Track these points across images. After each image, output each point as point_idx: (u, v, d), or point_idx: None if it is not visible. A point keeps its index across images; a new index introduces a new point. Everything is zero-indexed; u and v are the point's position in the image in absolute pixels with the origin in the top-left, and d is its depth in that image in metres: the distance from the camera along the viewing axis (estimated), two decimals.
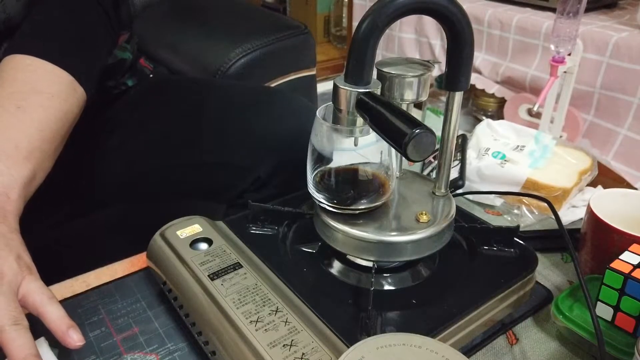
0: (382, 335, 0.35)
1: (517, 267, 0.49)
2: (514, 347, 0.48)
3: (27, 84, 0.51)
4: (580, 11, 1.06)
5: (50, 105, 0.51)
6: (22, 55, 0.53)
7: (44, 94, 0.51)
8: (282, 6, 2.73)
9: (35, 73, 0.52)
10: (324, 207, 0.47)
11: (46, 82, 0.52)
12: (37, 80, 0.52)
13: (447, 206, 0.49)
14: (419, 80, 0.46)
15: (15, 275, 0.41)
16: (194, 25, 1.18)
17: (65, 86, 0.53)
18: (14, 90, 0.50)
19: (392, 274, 0.48)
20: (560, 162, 0.72)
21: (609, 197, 0.55)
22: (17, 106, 0.49)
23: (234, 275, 0.47)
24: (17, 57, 0.53)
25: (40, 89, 0.51)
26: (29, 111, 0.49)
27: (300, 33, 1.09)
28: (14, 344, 0.37)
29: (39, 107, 0.50)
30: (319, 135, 0.46)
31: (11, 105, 0.49)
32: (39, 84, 0.52)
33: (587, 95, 1.36)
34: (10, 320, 0.38)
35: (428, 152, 0.36)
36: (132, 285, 0.54)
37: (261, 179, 0.70)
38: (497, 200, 0.70)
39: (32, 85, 0.51)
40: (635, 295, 0.43)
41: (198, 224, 0.54)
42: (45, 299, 0.41)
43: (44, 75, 0.52)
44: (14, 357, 0.37)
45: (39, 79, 0.52)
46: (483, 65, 1.61)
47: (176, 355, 0.46)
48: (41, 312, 0.41)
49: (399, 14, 0.38)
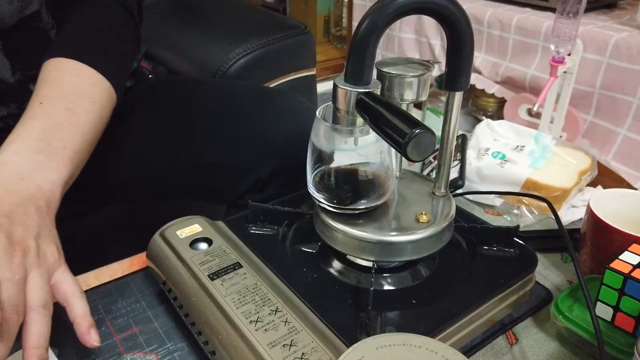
0: (382, 335, 0.35)
1: (517, 267, 0.49)
2: (514, 347, 0.48)
3: (74, 88, 0.54)
4: (580, 11, 1.06)
5: (93, 110, 0.54)
6: (68, 59, 0.55)
7: (88, 99, 0.54)
8: (282, 6, 2.73)
9: (80, 78, 0.55)
10: (324, 207, 0.47)
11: (90, 87, 0.55)
12: (83, 85, 0.55)
13: (447, 206, 0.49)
14: (419, 80, 0.46)
15: (54, 262, 0.44)
16: (194, 25, 1.18)
17: (105, 92, 0.56)
18: (63, 93, 0.53)
19: (392, 274, 0.48)
20: (560, 162, 0.72)
21: (608, 197, 0.55)
22: (66, 108, 0.52)
23: (234, 275, 0.47)
24: (64, 61, 0.55)
25: (86, 93, 0.54)
26: (76, 114, 0.52)
27: (300, 33, 1.09)
28: (34, 328, 0.39)
29: (84, 111, 0.53)
30: (318, 135, 0.46)
31: (61, 107, 0.51)
32: (84, 89, 0.55)
33: (587, 95, 1.36)
34: (41, 302, 0.40)
35: (428, 152, 0.36)
36: (131, 285, 0.54)
37: (262, 180, 0.70)
38: (497, 200, 0.70)
39: (79, 90, 0.54)
40: (634, 295, 0.43)
41: (198, 224, 0.54)
42: (76, 291, 0.43)
43: (87, 80, 0.55)
44: (28, 342, 0.39)
45: (84, 84, 0.55)
46: (483, 65, 1.61)
47: (176, 355, 0.46)
48: (69, 303, 0.43)
49: (399, 14, 0.38)
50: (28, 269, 0.41)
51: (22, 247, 0.41)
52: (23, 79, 0.64)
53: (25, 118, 0.50)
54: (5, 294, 0.38)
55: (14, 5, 0.59)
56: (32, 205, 0.44)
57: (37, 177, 0.46)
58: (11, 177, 0.45)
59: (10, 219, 0.42)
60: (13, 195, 0.44)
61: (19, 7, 0.60)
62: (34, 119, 0.50)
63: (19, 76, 0.63)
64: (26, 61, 0.63)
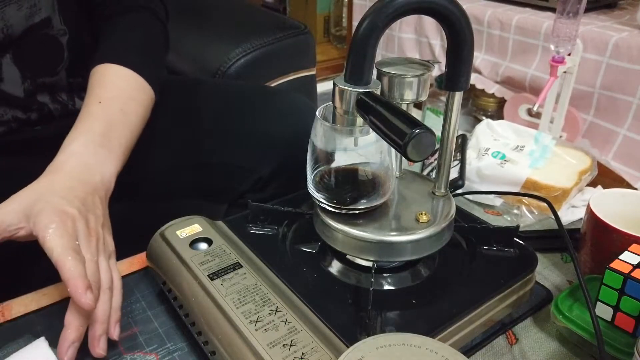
0: (382, 335, 0.35)
1: (517, 267, 0.49)
2: (514, 347, 0.48)
3: (125, 91, 0.60)
4: (580, 11, 1.06)
5: (140, 113, 0.60)
6: (116, 65, 0.61)
7: (136, 101, 0.60)
8: (282, 6, 2.73)
9: (129, 82, 0.61)
10: (324, 207, 0.47)
11: (137, 91, 0.61)
12: (132, 89, 0.61)
13: (447, 206, 0.49)
14: (419, 80, 0.46)
15: (112, 252, 0.50)
16: (194, 25, 1.18)
17: (147, 95, 0.63)
18: (116, 95, 0.59)
19: (391, 274, 0.48)
20: (559, 162, 0.72)
21: (608, 197, 0.55)
22: (120, 109, 0.58)
23: (234, 275, 0.47)
24: (112, 66, 0.61)
25: (134, 96, 0.60)
26: (127, 115, 0.58)
27: (300, 33, 1.09)
28: (102, 306, 0.44)
29: (134, 112, 0.59)
30: (318, 135, 0.46)
31: (117, 108, 0.57)
32: (132, 92, 0.61)
33: (587, 95, 1.36)
34: (108, 283, 0.46)
35: (428, 152, 0.36)
36: (131, 285, 0.54)
37: (262, 180, 0.70)
38: (496, 200, 0.70)
39: (129, 93, 0.60)
40: (634, 295, 0.43)
41: (198, 224, 0.54)
42: (119, 283, 0.48)
43: (134, 84, 0.61)
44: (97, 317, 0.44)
45: (132, 88, 0.61)
46: (483, 65, 1.61)
47: (176, 355, 0.46)
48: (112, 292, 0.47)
49: (399, 14, 0.38)
50: (98, 254, 0.47)
51: (95, 233, 0.47)
52: (32, 88, 0.64)
53: (88, 114, 0.56)
54: (91, 272, 0.43)
55: (22, 12, 0.59)
56: (97, 195, 0.50)
57: (100, 168, 0.52)
58: (80, 167, 0.51)
59: (85, 207, 0.48)
60: (85, 185, 0.49)
61: (27, 14, 0.60)
62: (97, 116, 0.56)
63: (29, 85, 0.63)
64: (35, 69, 0.64)
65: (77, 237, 0.45)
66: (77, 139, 0.53)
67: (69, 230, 0.44)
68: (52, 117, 0.67)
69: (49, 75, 0.65)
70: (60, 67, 0.66)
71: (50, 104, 0.66)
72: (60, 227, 0.44)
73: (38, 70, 0.64)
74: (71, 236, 0.44)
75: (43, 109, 0.66)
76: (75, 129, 0.54)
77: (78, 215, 0.46)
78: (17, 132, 0.65)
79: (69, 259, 0.42)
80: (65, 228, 0.44)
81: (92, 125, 0.55)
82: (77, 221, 0.46)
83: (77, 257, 0.43)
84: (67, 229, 0.44)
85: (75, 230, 0.45)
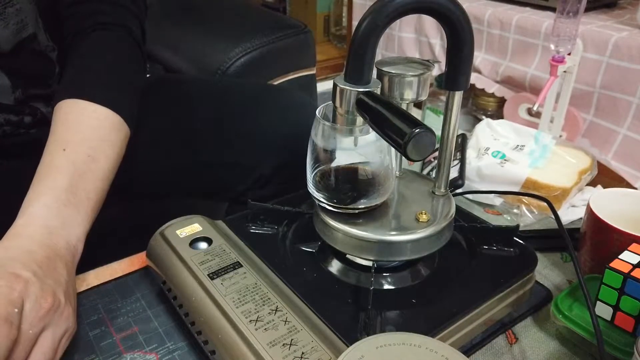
0: (382, 335, 0.35)
1: (517, 267, 0.49)
2: (514, 347, 0.48)
3: (94, 131, 0.53)
4: (580, 11, 1.06)
5: (112, 154, 0.54)
6: (84, 101, 0.54)
7: (107, 142, 0.54)
8: (282, 5, 2.73)
9: (99, 120, 0.54)
10: (324, 207, 0.47)
11: (108, 130, 0.55)
12: (101, 128, 0.54)
13: (447, 206, 0.49)
14: (419, 79, 0.46)
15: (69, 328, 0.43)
16: (193, 24, 1.18)
17: (122, 133, 0.56)
18: (84, 138, 0.52)
19: (391, 274, 0.48)
20: (559, 162, 0.72)
21: (608, 197, 0.55)
22: (88, 155, 0.51)
23: (234, 274, 0.47)
24: (80, 102, 0.54)
25: (105, 137, 0.54)
26: (97, 161, 0.52)
27: (300, 32, 1.09)
28: None
29: (105, 157, 0.53)
30: (318, 135, 0.46)
31: (84, 154, 0.51)
32: (103, 132, 0.54)
33: (587, 94, 1.36)
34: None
35: (428, 151, 0.36)
36: (131, 284, 0.54)
37: (264, 177, 0.70)
38: (496, 200, 0.70)
39: (98, 133, 0.54)
40: (634, 295, 0.43)
41: (198, 223, 0.54)
42: None
43: (105, 122, 0.55)
44: None
45: (102, 127, 0.54)
46: (483, 65, 1.61)
47: (176, 354, 0.46)
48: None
49: (399, 14, 0.38)
50: (46, 326, 0.40)
51: (51, 300, 0.41)
52: (23, 97, 0.63)
53: (49, 167, 0.50)
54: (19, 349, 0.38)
55: (9, 29, 0.59)
56: (61, 262, 0.45)
57: (65, 232, 0.47)
58: (42, 231, 0.45)
59: (44, 271, 0.42)
60: (47, 249, 0.44)
61: (14, 30, 0.59)
62: (60, 169, 0.50)
63: (19, 94, 0.63)
64: (26, 81, 0.63)
65: (20, 305, 0.38)
66: (38, 200, 0.47)
67: (12, 295, 0.38)
68: (47, 121, 0.66)
69: (41, 89, 0.65)
70: (52, 81, 0.66)
71: (43, 108, 0.66)
72: (3, 291, 0.38)
73: (30, 83, 0.63)
74: (10, 302, 0.38)
75: (36, 113, 0.65)
76: (36, 186, 0.49)
77: (33, 279, 0.40)
78: (12, 136, 0.64)
79: None
80: (9, 293, 0.38)
81: (55, 180, 0.49)
82: (29, 285, 0.40)
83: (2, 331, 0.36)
84: (10, 294, 0.38)
85: (23, 296, 0.39)
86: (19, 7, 0.58)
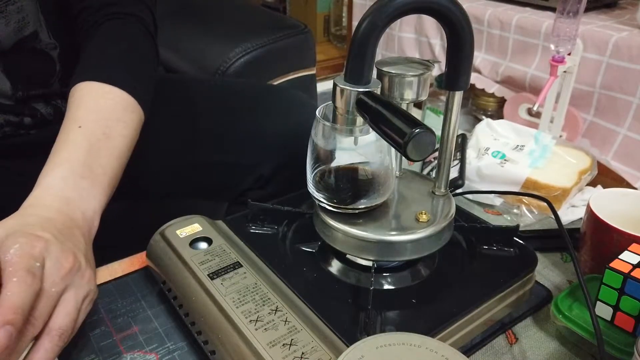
0: (382, 335, 0.35)
1: (517, 267, 0.49)
2: (514, 347, 0.48)
3: (109, 112, 0.53)
4: (580, 11, 1.06)
5: (128, 134, 0.54)
6: (99, 83, 0.54)
7: (122, 123, 0.54)
8: (282, 5, 2.73)
9: (114, 101, 0.54)
10: (324, 207, 0.47)
11: (123, 111, 0.55)
12: (117, 109, 0.54)
13: (447, 206, 0.49)
14: (419, 79, 0.46)
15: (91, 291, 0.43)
16: (193, 24, 1.18)
17: (136, 115, 0.56)
18: (99, 117, 0.52)
19: (391, 274, 0.48)
20: (559, 162, 0.72)
21: (608, 197, 0.55)
22: (103, 132, 0.51)
23: (234, 274, 0.47)
24: (95, 84, 0.54)
25: (120, 117, 0.54)
26: (112, 139, 0.52)
27: (300, 32, 1.09)
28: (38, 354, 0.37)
29: (120, 135, 0.53)
30: (318, 135, 0.46)
31: (99, 132, 0.51)
32: (118, 113, 0.54)
33: (587, 95, 1.36)
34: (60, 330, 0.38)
35: (428, 151, 0.36)
36: (131, 284, 0.54)
37: (264, 177, 0.70)
38: (496, 200, 0.70)
39: (114, 114, 0.54)
40: (634, 295, 0.43)
41: (198, 223, 0.54)
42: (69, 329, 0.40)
43: (121, 103, 0.55)
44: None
45: (117, 108, 0.54)
46: (483, 65, 1.61)
47: (176, 354, 0.46)
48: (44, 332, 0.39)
49: (399, 14, 0.38)
50: (67, 287, 0.40)
51: (72, 260, 0.40)
52: (24, 97, 0.63)
53: (66, 141, 0.50)
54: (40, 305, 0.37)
55: (10, 27, 0.58)
56: (78, 230, 0.45)
57: (82, 204, 0.46)
58: (59, 200, 0.45)
59: (63, 235, 0.42)
60: (64, 217, 0.44)
61: (15, 28, 0.59)
62: (76, 143, 0.50)
63: (20, 95, 0.63)
64: (27, 81, 0.63)
65: (42, 260, 0.38)
66: (55, 171, 0.47)
67: (33, 251, 0.38)
68: (47, 122, 0.66)
69: (42, 88, 0.64)
70: (53, 80, 0.65)
71: (43, 109, 0.65)
72: (24, 247, 0.38)
73: (30, 82, 0.63)
74: (32, 257, 0.37)
75: (36, 114, 0.65)
76: (52, 158, 0.48)
77: (53, 239, 0.40)
78: (12, 137, 0.64)
79: (13, 281, 0.35)
80: (30, 248, 0.38)
81: (71, 153, 0.48)
82: (50, 244, 0.39)
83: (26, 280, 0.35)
84: (31, 250, 0.38)
85: (43, 254, 0.38)
86: (20, 5, 0.58)
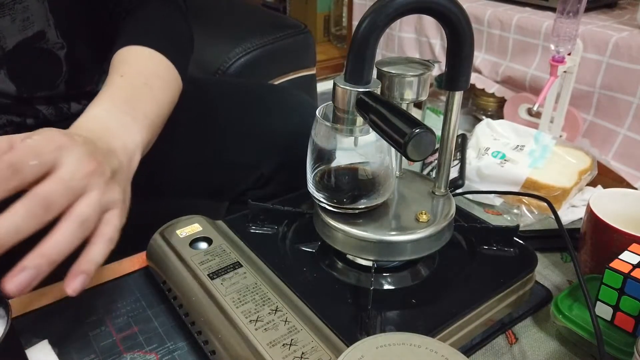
0: (382, 335, 0.35)
1: (517, 267, 0.49)
2: (514, 347, 0.48)
3: (150, 68, 0.55)
4: (580, 11, 1.06)
5: (167, 90, 0.55)
6: (142, 47, 0.56)
7: (162, 79, 0.55)
8: (282, 5, 2.73)
9: (155, 62, 0.56)
10: (324, 207, 0.47)
11: (164, 70, 0.56)
12: (158, 68, 0.56)
13: (447, 206, 0.49)
14: (419, 79, 0.46)
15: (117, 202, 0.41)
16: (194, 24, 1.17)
17: (175, 79, 0.58)
18: (140, 71, 0.54)
19: (391, 274, 0.48)
20: (560, 162, 0.72)
21: (608, 197, 0.55)
22: (144, 83, 0.53)
23: (234, 274, 0.47)
24: (138, 48, 0.56)
25: (160, 75, 0.56)
26: (153, 90, 0.53)
27: (300, 32, 1.09)
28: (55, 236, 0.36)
29: (159, 89, 0.54)
30: (318, 135, 0.46)
31: (141, 82, 0.52)
32: (159, 72, 0.56)
33: (587, 95, 1.36)
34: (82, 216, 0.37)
35: (428, 151, 0.36)
36: (131, 284, 0.54)
37: (264, 177, 0.70)
38: (496, 200, 0.70)
39: (155, 71, 0.55)
40: (634, 295, 0.43)
41: (198, 223, 0.54)
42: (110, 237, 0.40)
43: (162, 64, 0.56)
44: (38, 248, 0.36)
45: (158, 68, 0.56)
46: (483, 65, 1.61)
47: (176, 354, 0.46)
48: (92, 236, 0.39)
49: (399, 14, 0.38)
50: (90, 186, 0.38)
51: (96, 165, 0.39)
52: (27, 98, 0.63)
53: (108, 86, 0.51)
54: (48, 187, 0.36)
55: (15, 24, 0.58)
56: (116, 158, 0.43)
57: (123, 135, 0.46)
58: (101, 130, 0.45)
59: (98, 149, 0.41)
60: (105, 144, 0.43)
61: (20, 27, 0.59)
62: (119, 87, 0.51)
63: (24, 96, 0.62)
64: (31, 84, 0.62)
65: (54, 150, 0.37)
66: (98, 106, 0.48)
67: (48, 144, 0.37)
68: (49, 122, 0.65)
69: (47, 90, 0.64)
70: (59, 81, 0.65)
71: (45, 110, 0.65)
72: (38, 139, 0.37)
73: (35, 85, 0.63)
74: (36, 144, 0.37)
75: (38, 115, 0.65)
76: (96, 99, 0.49)
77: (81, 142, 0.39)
78: None
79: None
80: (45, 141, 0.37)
81: (114, 93, 0.50)
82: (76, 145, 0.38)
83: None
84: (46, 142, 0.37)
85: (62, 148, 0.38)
86: (27, 4, 0.58)
